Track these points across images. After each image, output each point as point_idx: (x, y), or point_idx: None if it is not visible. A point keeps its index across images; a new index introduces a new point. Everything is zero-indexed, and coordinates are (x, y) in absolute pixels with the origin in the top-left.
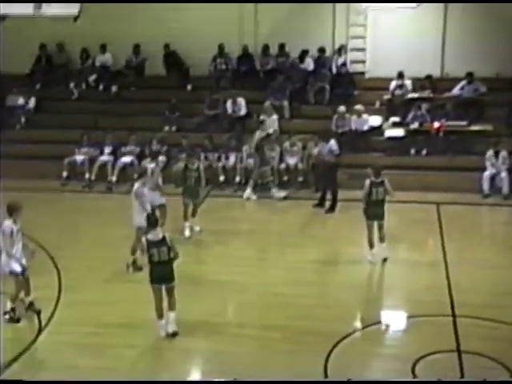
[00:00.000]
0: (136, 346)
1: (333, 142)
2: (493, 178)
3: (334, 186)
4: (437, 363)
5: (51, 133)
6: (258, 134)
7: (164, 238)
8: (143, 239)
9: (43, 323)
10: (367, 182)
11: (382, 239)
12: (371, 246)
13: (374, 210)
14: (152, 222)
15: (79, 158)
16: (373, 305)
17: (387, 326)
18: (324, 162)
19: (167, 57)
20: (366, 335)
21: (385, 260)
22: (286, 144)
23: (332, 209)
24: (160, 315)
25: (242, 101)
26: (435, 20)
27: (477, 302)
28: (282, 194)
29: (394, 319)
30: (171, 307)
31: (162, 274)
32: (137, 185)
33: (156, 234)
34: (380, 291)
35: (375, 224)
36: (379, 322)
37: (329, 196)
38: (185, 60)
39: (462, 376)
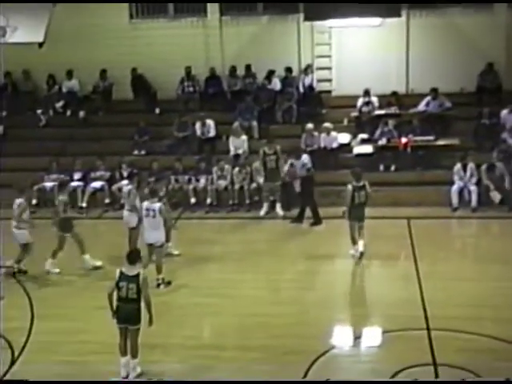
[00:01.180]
0: (112, 373)
1: (304, 157)
2: (461, 191)
3: (311, 200)
4: (413, 377)
5: (19, 160)
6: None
7: (137, 275)
8: (118, 270)
9: (16, 353)
10: (349, 186)
11: (361, 236)
12: (354, 242)
13: (356, 213)
14: (132, 258)
15: (48, 184)
16: (349, 321)
17: (364, 342)
18: (299, 177)
19: (135, 80)
20: (343, 352)
21: (361, 254)
22: (256, 164)
23: (316, 222)
24: (122, 353)
25: (210, 122)
26: (398, 37)
27: (450, 315)
28: (281, 212)
29: (370, 335)
30: (132, 354)
31: (127, 313)
32: (158, 203)
33: (131, 269)
34: (355, 307)
35: (356, 224)
36: (356, 338)
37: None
38: (152, 84)
39: None
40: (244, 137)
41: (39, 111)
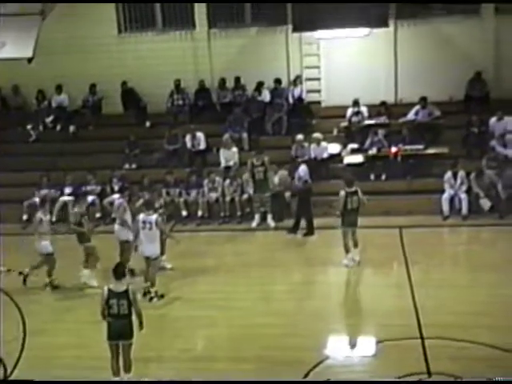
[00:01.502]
0: None
1: (301, 169)
2: (452, 200)
3: (307, 212)
4: None
5: (9, 176)
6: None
7: (126, 291)
8: (105, 288)
9: (9, 369)
10: (342, 192)
11: (355, 244)
12: (347, 251)
13: (349, 218)
14: (118, 272)
15: (39, 200)
16: (342, 331)
17: (357, 352)
18: (296, 189)
19: (124, 94)
20: (336, 362)
21: (358, 263)
22: (246, 175)
23: (309, 233)
24: (115, 373)
25: (201, 135)
26: (386, 47)
27: (443, 323)
28: (273, 223)
29: (364, 345)
30: (126, 369)
31: (119, 329)
32: (154, 215)
33: (118, 285)
34: (348, 317)
35: (350, 231)
36: (349, 349)
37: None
38: (142, 97)
39: None
40: (235, 149)
41: (29, 126)
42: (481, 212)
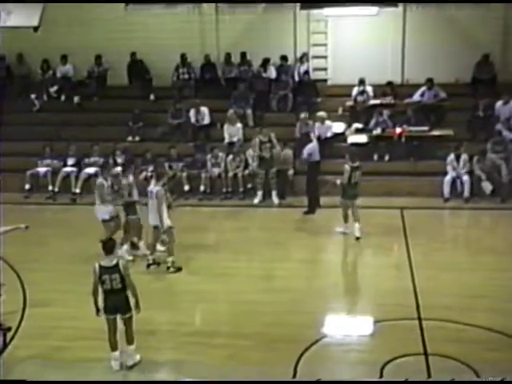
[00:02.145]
0: (104, 360)
1: (308, 147)
2: (454, 182)
3: (308, 190)
4: (404, 366)
5: (13, 145)
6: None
7: (117, 265)
8: (96, 265)
9: (8, 338)
10: (347, 167)
11: (357, 219)
12: (346, 220)
13: (350, 192)
14: (107, 247)
15: (42, 169)
16: (341, 310)
17: (355, 332)
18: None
19: (132, 65)
20: (334, 341)
21: (357, 239)
22: (250, 151)
23: (309, 211)
24: (113, 348)
25: (205, 110)
26: (395, 27)
27: (442, 305)
28: (277, 200)
29: (362, 324)
30: (129, 341)
31: (115, 303)
32: (157, 186)
33: (109, 260)
34: (348, 297)
35: (350, 203)
36: (347, 328)
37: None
38: (149, 69)
39: (429, 378)
40: (239, 124)
41: (33, 96)
42: (482, 195)
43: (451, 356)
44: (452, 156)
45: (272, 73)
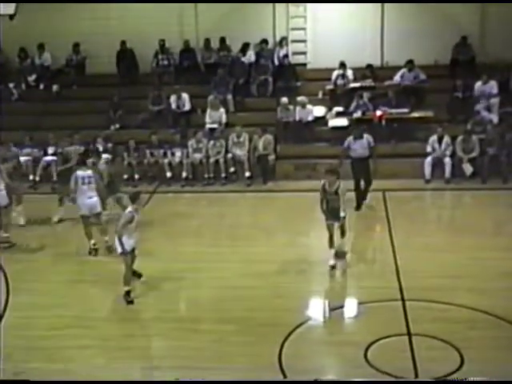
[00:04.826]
0: (89, 347)
1: (367, 136)
2: (435, 164)
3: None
4: (388, 347)
5: None
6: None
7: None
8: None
9: None
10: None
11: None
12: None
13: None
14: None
15: (22, 159)
16: (324, 293)
17: (339, 314)
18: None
19: (120, 54)
20: (318, 324)
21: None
22: (233, 135)
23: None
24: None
25: (186, 96)
26: (374, 10)
27: (425, 286)
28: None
29: (345, 306)
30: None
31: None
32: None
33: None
34: (330, 279)
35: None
36: (331, 310)
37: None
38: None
39: (413, 357)
40: (222, 109)
41: (11, 85)
42: (463, 176)
43: (434, 336)
44: (434, 137)
45: (251, 56)
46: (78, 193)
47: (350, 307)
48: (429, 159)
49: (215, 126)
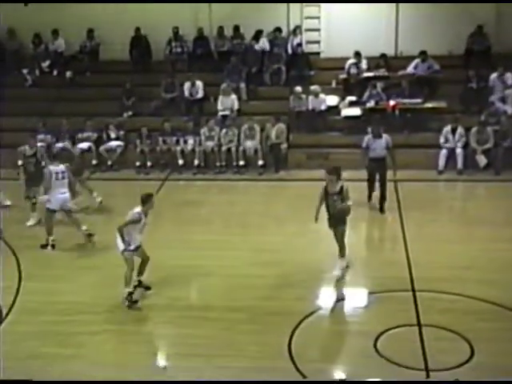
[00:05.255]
0: (100, 333)
1: (386, 136)
2: (448, 155)
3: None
4: (398, 337)
5: (5, 120)
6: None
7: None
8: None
9: (4, 312)
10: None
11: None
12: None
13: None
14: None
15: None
16: (335, 283)
17: (349, 303)
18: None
19: (134, 40)
20: (328, 313)
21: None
22: (245, 128)
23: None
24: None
25: (200, 83)
26: None
27: (436, 277)
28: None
29: (356, 296)
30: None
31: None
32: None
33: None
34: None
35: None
36: (341, 300)
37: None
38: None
39: (423, 348)
40: (233, 96)
41: (25, 71)
42: (476, 167)
43: (444, 326)
44: (448, 128)
45: (265, 44)
46: (51, 188)
47: (361, 297)
48: (444, 150)
49: (227, 112)
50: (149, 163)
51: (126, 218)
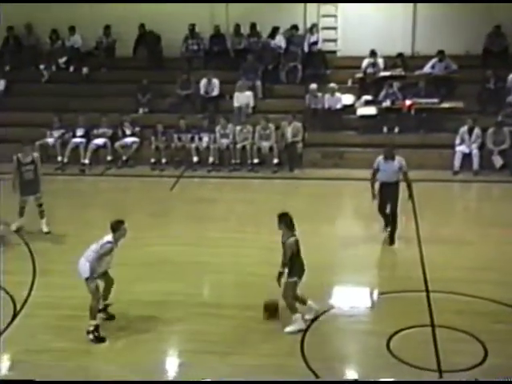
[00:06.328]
0: (112, 329)
1: (399, 159)
2: (464, 155)
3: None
4: (411, 338)
5: (22, 115)
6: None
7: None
8: None
9: (18, 307)
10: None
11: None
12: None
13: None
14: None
15: (51, 140)
16: (348, 282)
17: (362, 303)
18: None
19: (140, 38)
20: (341, 312)
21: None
22: (259, 128)
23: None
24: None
25: (216, 81)
26: None
27: (450, 278)
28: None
29: (369, 296)
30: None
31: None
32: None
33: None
34: (354, 268)
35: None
36: (355, 299)
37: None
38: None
39: (436, 349)
40: (249, 92)
41: (42, 66)
42: (492, 168)
43: (458, 327)
44: (465, 128)
45: (281, 41)
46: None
47: (374, 297)
48: (460, 150)
49: (243, 105)
50: (164, 160)
51: (97, 252)
